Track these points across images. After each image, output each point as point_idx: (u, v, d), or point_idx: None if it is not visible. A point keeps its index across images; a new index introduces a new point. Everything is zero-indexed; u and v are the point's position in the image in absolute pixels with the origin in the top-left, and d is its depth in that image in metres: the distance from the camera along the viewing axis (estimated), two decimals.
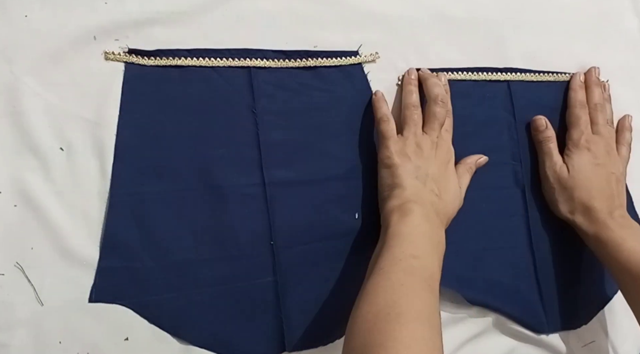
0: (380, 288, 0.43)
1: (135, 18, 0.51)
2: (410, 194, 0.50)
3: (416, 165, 0.52)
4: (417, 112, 0.54)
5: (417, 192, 0.51)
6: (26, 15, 0.48)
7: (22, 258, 0.45)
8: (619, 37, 0.68)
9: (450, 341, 0.55)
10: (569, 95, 0.62)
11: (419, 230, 0.47)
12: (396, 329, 0.39)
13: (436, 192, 0.52)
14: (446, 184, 0.53)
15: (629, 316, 0.55)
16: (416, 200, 0.50)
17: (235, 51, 0.53)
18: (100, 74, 0.49)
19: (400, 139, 0.53)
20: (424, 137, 0.54)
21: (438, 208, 0.51)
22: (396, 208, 0.49)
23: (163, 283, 0.48)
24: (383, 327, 0.39)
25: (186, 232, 0.49)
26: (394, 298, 0.41)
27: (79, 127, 0.48)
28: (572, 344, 0.57)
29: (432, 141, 0.54)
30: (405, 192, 0.50)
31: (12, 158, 0.46)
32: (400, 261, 0.44)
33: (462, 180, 0.55)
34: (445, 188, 0.53)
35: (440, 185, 0.53)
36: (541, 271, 0.58)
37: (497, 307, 0.56)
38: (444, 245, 0.50)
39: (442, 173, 0.53)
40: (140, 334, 0.47)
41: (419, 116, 0.54)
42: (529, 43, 0.63)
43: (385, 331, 0.39)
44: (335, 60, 0.56)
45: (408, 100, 0.55)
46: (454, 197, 0.54)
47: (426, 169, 0.52)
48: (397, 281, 0.43)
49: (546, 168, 0.59)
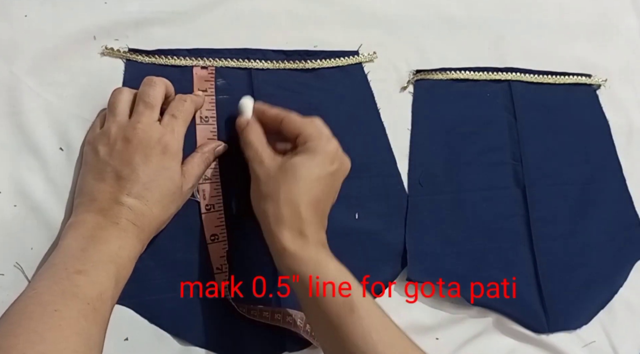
0: (25, 315, 0.35)
1: (135, 18, 0.51)
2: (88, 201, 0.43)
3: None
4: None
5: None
6: (26, 15, 0.48)
7: (22, 258, 0.45)
8: (619, 37, 0.68)
9: (450, 341, 0.55)
10: None
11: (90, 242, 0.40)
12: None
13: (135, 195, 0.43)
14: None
15: (629, 316, 0.55)
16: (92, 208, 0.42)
17: (235, 51, 0.53)
18: (100, 74, 0.49)
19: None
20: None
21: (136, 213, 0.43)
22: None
23: (163, 283, 0.48)
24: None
25: (183, 232, 0.49)
26: (40, 333, 0.34)
27: (79, 127, 0.48)
28: (572, 345, 0.57)
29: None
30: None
31: (12, 158, 0.46)
32: (62, 281, 0.37)
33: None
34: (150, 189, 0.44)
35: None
36: (541, 271, 0.58)
37: (497, 307, 0.56)
38: (126, 255, 0.41)
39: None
40: (140, 334, 0.47)
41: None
42: (529, 43, 0.63)
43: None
44: (335, 60, 0.56)
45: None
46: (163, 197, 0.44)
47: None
48: (51, 306, 0.36)
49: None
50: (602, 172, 0.64)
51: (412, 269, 0.54)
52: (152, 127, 0.44)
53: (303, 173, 0.45)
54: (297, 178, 0.44)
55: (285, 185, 0.44)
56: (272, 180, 0.45)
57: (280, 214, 0.44)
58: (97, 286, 0.38)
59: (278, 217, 0.44)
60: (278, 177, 0.45)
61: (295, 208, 0.44)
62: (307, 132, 0.47)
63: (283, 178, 0.45)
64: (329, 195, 0.47)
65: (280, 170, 0.45)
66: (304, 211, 0.44)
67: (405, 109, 0.58)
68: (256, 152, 0.47)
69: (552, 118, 0.62)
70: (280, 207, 0.44)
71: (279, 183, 0.44)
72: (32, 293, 0.37)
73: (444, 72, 0.59)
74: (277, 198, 0.44)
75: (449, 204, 0.57)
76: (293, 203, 0.44)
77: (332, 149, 0.47)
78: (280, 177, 0.45)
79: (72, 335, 0.35)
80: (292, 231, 0.44)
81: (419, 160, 0.57)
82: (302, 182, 0.44)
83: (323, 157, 0.46)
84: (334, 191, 0.48)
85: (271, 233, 0.44)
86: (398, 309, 0.53)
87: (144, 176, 0.43)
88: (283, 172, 0.45)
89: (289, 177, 0.45)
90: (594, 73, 0.65)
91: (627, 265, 0.62)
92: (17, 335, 0.34)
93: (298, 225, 0.44)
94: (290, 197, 0.44)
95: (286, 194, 0.44)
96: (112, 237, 0.41)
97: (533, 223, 0.59)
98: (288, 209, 0.44)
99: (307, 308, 0.45)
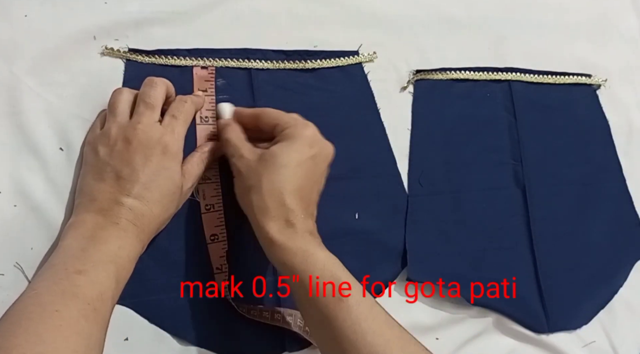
0: (25, 316, 0.35)
1: (135, 18, 0.51)
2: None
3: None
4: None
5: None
6: (26, 15, 0.48)
7: (22, 258, 0.45)
8: (619, 37, 0.68)
9: (450, 341, 0.55)
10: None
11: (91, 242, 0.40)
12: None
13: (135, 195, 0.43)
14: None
15: (629, 316, 0.55)
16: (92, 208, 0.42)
17: (235, 51, 0.53)
18: (100, 74, 0.49)
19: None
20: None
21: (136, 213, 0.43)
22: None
23: (163, 283, 0.48)
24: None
25: (183, 232, 0.49)
26: (40, 334, 0.34)
27: (79, 127, 0.48)
28: (572, 345, 0.57)
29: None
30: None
31: (12, 158, 0.46)
32: (61, 281, 0.37)
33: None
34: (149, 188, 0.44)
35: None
36: (541, 271, 0.58)
37: (497, 307, 0.56)
38: (126, 255, 0.41)
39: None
40: (140, 334, 0.47)
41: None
42: (529, 43, 0.63)
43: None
44: (335, 60, 0.56)
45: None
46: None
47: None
48: (50, 306, 0.36)
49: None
50: (602, 172, 0.64)
51: (412, 269, 0.54)
52: (153, 128, 0.44)
53: (283, 160, 0.45)
54: (278, 166, 0.44)
55: (266, 175, 0.44)
56: (253, 172, 0.45)
57: (265, 205, 0.44)
58: (97, 287, 0.38)
59: (263, 208, 0.44)
60: (259, 168, 0.45)
61: (279, 197, 0.44)
62: (283, 120, 0.47)
63: (264, 168, 0.45)
64: (314, 181, 0.47)
65: (260, 161, 0.45)
66: (288, 200, 0.44)
67: (405, 109, 0.58)
68: (235, 148, 0.47)
69: (552, 118, 0.62)
70: (264, 198, 0.44)
71: (261, 174, 0.44)
72: (32, 294, 0.37)
73: (444, 72, 0.59)
74: (260, 189, 0.44)
75: (449, 204, 0.57)
76: (276, 192, 0.44)
77: (309, 133, 0.47)
78: (261, 167, 0.45)
79: (72, 335, 0.35)
80: (278, 221, 0.44)
81: (419, 160, 0.57)
82: (283, 169, 0.44)
83: (301, 142, 0.46)
84: (318, 177, 0.47)
85: (258, 225, 0.44)
86: (398, 309, 0.53)
87: (144, 176, 0.43)
88: (263, 162, 0.45)
89: (269, 166, 0.44)
90: (594, 73, 0.65)
91: (627, 265, 0.62)
92: (17, 335, 0.34)
93: (284, 214, 0.44)
94: (273, 186, 0.44)
95: (268, 184, 0.44)
96: (112, 237, 0.41)
97: (533, 223, 0.59)
98: (272, 199, 0.44)
99: (298, 300, 0.45)
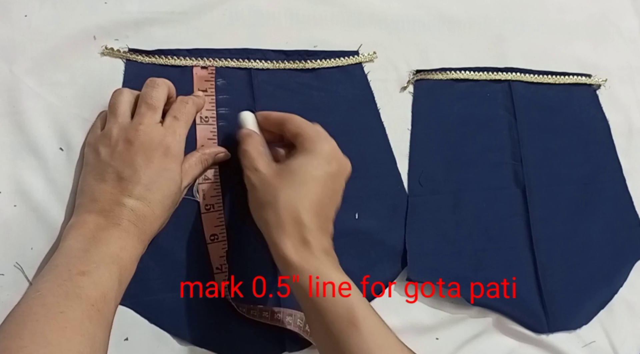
0: (30, 317, 0.35)
1: (135, 18, 0.51)
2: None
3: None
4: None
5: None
6: (26, 15, 0.48)
7: (22, 258, 0.45)
8: (619, 37, 0.68)
9: (450, 341, 0.55)
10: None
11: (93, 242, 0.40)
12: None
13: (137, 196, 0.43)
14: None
15: (629, 316, 0.55)
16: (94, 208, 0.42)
17: (235, 51, 0.53)
18: (100, 74, 0.49)
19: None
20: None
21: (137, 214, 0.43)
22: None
23: (163, 283, 0.48)
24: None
25: (183, 232, 0.49)
26: (46, 335, 0.34)
27: (79, 127, 0.48)
28: (572, 345, 0.57)
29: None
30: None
31: (12, 158, 0.46)
32: (65, 282, 0.37)
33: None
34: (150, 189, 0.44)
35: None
36: (541, 271, 0.58)
37: (497, 307, 0.56)
38: (128, 256, 0.41)
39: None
40: (140, 334, 0.47)
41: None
42: (529, 43, 0.63)
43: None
44: (335, 60, 0.56)
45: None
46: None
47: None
48: (55, 308, 0.36)
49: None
50: (602, 172, 0.64)
51: (412, 269, 0.54)
52: (154, 129, 0.44)
53: (300, 175, 0.44)
54: (295, 181, 0.44)
55: (283, 190, 0.44)
56: (270, 187, 0.44)
57: (281, 221, 0.43)
58: (100, 288, 0.38)
59: (279, 225, 0.43)
60: (275, 182, 0.44)
61: (296, 214, 0.43)
62: (306, 132, 0.46)
63: (280, 183, 0.44)
64: (331, 198, 0.46)
65: (277, 176, 0.44)
66: (305, 217, 0.43)
67: (405, 109, 0.58)
68: (251, 160, 0.46)
69: (552, 118, 0.62)
70: (280, 214, 0.43)
71: (277, 189, 0.44)
72: (36, 295, 0.37)
73: (444, 72, 0.59)
74: (276, 205, 0.43)
75: (449, 204, 0.57)
76: (293, 208, 0.43)
77: (329, 149, 0.46)
78: (277, 182, 0.44)
79: (76, 337, 0.35)
80: (293, 238, 0.43)
81: (419, 160, 0.57)
82: (301, 185, 0.44)
83: (320, 158, 0.45)
84: (336, 194, 0.47)
85: (273, 242, 0.43)
86: (398, 310, 0.53)
87: (146, 177, 0.43)
88: (280, 177, 0.44)
89: (286, 182, 0.44)
90: (594, 73, 0.65)
91: (627, 265, 0.62)
92: (23, 337, 0.34)
93: (300, 231, 0.43)
94: (290, 202, 0.43)
95: (285, 200, 0.43)
96: (114, 238, 0.41)
97: (533, 223, 0.59)
98: (288, 215, 0.43)
99: (308, 314, 0.44)
